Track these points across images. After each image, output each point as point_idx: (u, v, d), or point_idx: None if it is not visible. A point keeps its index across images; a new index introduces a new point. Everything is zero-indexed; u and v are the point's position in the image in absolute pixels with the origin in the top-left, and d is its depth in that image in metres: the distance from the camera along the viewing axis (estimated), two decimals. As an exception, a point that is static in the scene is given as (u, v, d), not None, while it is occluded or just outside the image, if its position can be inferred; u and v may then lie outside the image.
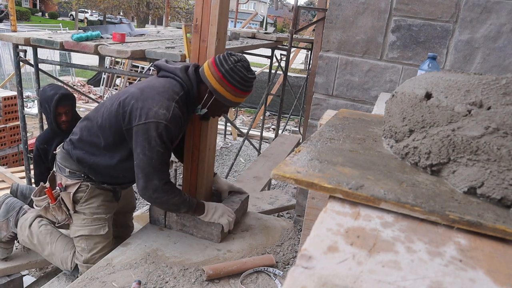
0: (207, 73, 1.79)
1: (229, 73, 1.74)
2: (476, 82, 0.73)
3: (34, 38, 3.20)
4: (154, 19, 19.90)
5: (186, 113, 1.82)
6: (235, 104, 1.87)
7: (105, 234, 1.96)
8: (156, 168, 1.71)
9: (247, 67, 1.78)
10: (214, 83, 1.77)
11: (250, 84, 1.81)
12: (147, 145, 1.68)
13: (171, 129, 1.69)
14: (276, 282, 1.81)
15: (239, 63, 1.75)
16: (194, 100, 1.85)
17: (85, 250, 1.94)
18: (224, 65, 1.75)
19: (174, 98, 1.74)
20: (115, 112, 1.76)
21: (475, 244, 0.55)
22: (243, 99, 1.87)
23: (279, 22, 35.54)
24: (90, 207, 1.94)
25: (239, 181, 3.85)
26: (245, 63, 1.78)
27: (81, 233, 1.93)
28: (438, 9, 1.95)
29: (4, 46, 9.72)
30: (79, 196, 1.93)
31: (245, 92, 1.81)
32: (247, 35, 5.50)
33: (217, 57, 1.78)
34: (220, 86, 1.77)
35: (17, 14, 3.90)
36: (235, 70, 1.74)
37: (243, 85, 1.77)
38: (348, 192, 0.63)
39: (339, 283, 0.43)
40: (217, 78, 1.76)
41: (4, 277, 2.10)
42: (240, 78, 1.75)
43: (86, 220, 1.94)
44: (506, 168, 0.63)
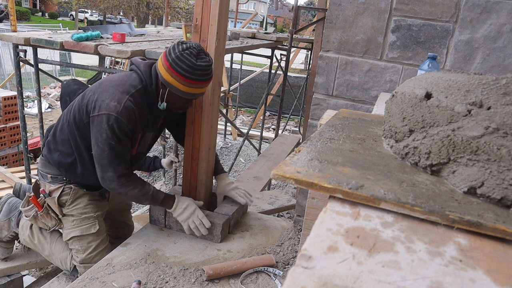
0: (158, 64, 1.74)
1: (176, 62, 1.65)
2: (476, 82, 0.73)
3: (34, 38, 3.20)
4: (154, 19, 19.89)
5: (146, 107, 1.79)
6: (192, 96, 1.75)
7: (97, 232, 1.95)
8: (109, 160, 1.71)
9: (196, 54, 1.66)
10: (163, 74, 1.70)
11: (201, 72, 1.67)
12: (99, 137, 1.69)
13: (122, 121, 1.67)
14: (276, 282, 1.81)
15: (187, 51, 1.65)
16: (154, 94, 1.80)
17: (79, 251, 1.94)
18: (171, 54, 1.67)
19: (130, 91, 1.72)
20: (77, 106, 1.78)
21: (475, 244, 0.55)
22: (201, 90, 1.75)
23: (279, 22, 35.54)
24: (77, 208, 1.93)
25: (239, 181, 3.85)
26: (194, 50, 1.66)
27: (72, 235, 1.93)
28: (438, 9, 1.95)
29: (4, 46, 9.72)
30: (64, 199, 1.92)
31: (197, 81, 1.69)
32: (247, 35, 5.50)
33: (168, 47, 1.73)
34: (169, 76, 1.69)
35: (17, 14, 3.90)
36: (181, 58, 1.65)
37: (191, 73, 1.65)
38: (348, 192, 0.63)
39: (339, 283, 0.43)
40: (165, 68, 1.69)
41: (4, 277, 2.10)
42: (187, 66, 1.65)
43: (75, 221, 1.93)
44: (506, 168, 0.63)
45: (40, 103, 3.50)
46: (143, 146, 1.95)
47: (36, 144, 5.31)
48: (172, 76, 1.68)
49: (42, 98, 7.06)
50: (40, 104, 3.50)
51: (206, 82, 1.73)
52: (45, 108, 8.64)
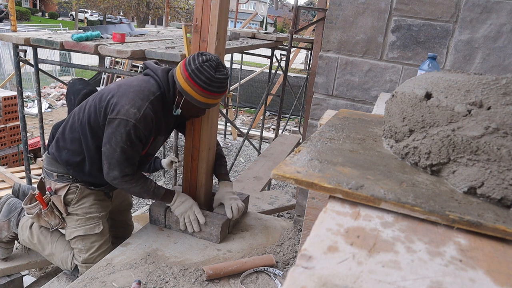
0: (177, 73, 1.80)
1: (195, 73, 1.72)
2: (476, 82, 0.73)
3: (34, 38, 3.20)
4: (154, 19, 19.89)
5: (162, 112, 1.83)
6: (207, 105, 1.83)
7: (101, 233, 1.96)
8: (118, 161, 1.75)
9: (215, 66, 1.73)
10: (182, 83, 1.76)
11: (219, 84, 1.75)
12: (113, 138, 1.72)
13: (139, 128, 1.72)
14: (276, 282, 1.81)
15: (206, 63, 1.72)
16: (171, 100, 1.85)
17: (82, 250, 1.94)
18: (191, 64, 1.73)
19: (149, 98, 1.75)
20: (93, 107, 1.79)
21: (475, 244, 0.55)
22: (216, 101, 1.83)
23: (279, 22, 35.54)
24: (82, 207, 1.94)
25: (239, 181, 3.85)
26: (213, 63, 1.73)
27: (76, 234, 1.93)
28: (438, 9, 1.95)
29: (4, 46, 9.72)
30: (70, 198, 1.93)
31: (214, 93, 1.76)
32: (247, 35, 5.50)
33: (188, 57, 1.78)
34: (187, 86, 1.75)
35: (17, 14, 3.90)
36: (201, 69, 1.71)
37: (209, 85, 1.73)
38: (348, 192, 0.63)
39: (339, 283, 0.43)
40: (184, 78, 1.75)
41: (4, 277, 2.10)
42: (206, 78, 1.72)
43: (79, 220, 1.93)
44: (506, 168, 0.63)
45: (40, 103, 3.50)
46: (153, 148, 2.00)
47: (36, 144, 5.31)
48: (190, 86, 1.74)
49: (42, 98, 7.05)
50: (40, 104, 3.50)
51: (222, 94, 1.81)
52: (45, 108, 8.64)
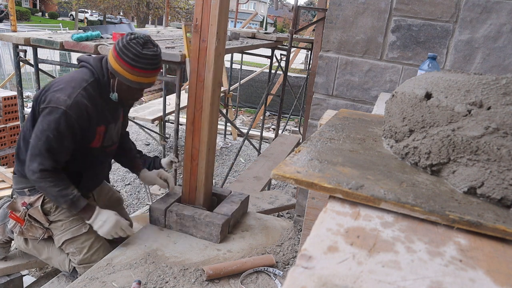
0: (109, 55, 1.78)
1: (122, 51, 1.71)
2: (476, 82, 0.73)
3: (34, 38, 3.20)
4: (154, 19, 19.89)
5: (101, 99, 1.81)
6: (139, 84, 1.79)
7: (88, 231, 1.93)
8: (40, 151, 1.69)
9: (142, 43, 1.71)
10: (112, 63, 1.75)
11: (147, 61, 1.72)
12: (41, 127, 1.68)
13: (71, 116, 1.67)
14: (276, 282, 1.81)
15: (134, 40, 1.71)
16: (107, 86, 1.82)
17: (75, 253, 1.92)
18: (119, 43, 1.73)
19: (82, 85, 1.73)
20: (32, 110, 1.79)
21: (475, 244, 0.55)
22: (149, 79, 1.79)
23: (279, 22, 35.54)
24: (63, 213, 1.91)
25: (239, 181, 3.85)
26: (141, 40, 1.71)
27: (64, 239, 1.91)
28: (438, 9, 1.95)
29: (4, 46, 9.71)
30: (48, 207, 1.90)
31: (143, 70, 1.73)
32: (247, 35, 5.50)
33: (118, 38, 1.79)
34: (117, 65, 1.73)
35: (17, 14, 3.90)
36: (128, 47, 1.70)
37: (137, 61, 1.70)
38: (348, 192, 0.63)
39: (339, 283, 0.43)
40: (114, 58, 1.74)
41: (4, 276, 2.10)
42: (133, 55, 1.70)
43: (64, 225, 1.91)
44: (506, 168, 0.63)
45: (40, 103, 3.49)
46: (109, 139, 1.94)
47: (36, 144, 5.30)
48: (119, 64, 1.73)
49: (42, 98, 7.04)
50: (40, 104, 3.49)
51: (152, 71, 1.77)
52: (45, 108, 8.60)
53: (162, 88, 6.23)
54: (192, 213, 2.08)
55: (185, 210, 2.10)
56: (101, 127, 1.86)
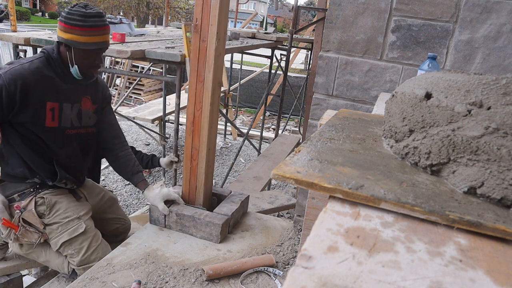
0: (58, 31, 1.84)
1: (68, 17, 1.77)
2: (476, 82, 0.73)
3: (34, 38, 3.20)
4: (154, 19, 19.90)
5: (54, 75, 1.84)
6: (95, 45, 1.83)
7: (85, 231, 1.93)
8: None
9: (83, 6, 1.80)
10: (62, 34, 1.80)
11: (94, 19, 1.79)
12: None
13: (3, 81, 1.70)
14: (276, 282, 1.81)
15: (75, 7, 1.79)
16: (59, 62, 1.86)
17: (73, 254, 1.91)
18: (62, 14, 1.80)
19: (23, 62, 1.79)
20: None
21: (475, 244, 0.55)
22: (102, 38, 1.84)
23: (279, 22, 35.54)
24: (58, 215, 1.91)
25: (239, 181, 3.85)
26: (82, 4, 1.80)
27: (61, 241, 1.90)
28: (438, 9, 1.95)
29: (4, 46, 9.71)
30: (42, 210, 1.90)
31: (93, 28, 1.79)
32: (247, 35, 5.51)
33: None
34: (67, 33, 1.78)
35: (17, 14, 3.90)
36: (71, 12, 1.77)
37: (83, 21, 1.76)
38: (348, 192, 0.63)
39: (339, 283, 0.43)
40: (62, 28, 1.79)
41: (3, 276, 2.10)
42: (78, 16, 1.76)
43: (60, 227, 1.91)
44: (506, 168, 0.63)
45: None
46: (65, 119, 1.92)
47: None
48: (69, 31, 1.78)
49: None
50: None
51: (102, 27, 1.83)
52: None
53: (162, 88, 6.23)
54: (192, 213, 2.08)
55: (185, 210, 2.10)
56: (53, 104, 1.85)
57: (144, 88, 10.51)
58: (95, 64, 1.91)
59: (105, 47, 1.91)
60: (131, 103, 10.19)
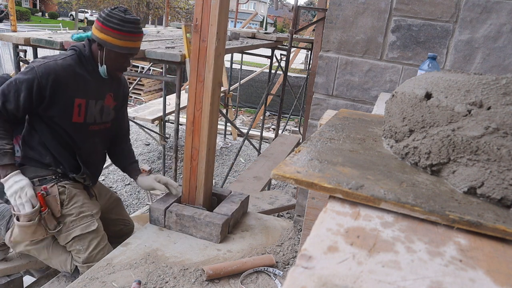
0: (93, 30, 1.89)
1: (107, 19, 1.83)
2: (476, 82, 0.73)
3: (34, 38, 3.20)
4: (154, 19, 19.90)
5: (84, 71, 1.92)
6: (127, 49, 1.90)
7: (96, 229, 1.95)
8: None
9: (123, 11, 1.87)
10: (98, 34, 1.86)
11: (132, 25, 1.86)
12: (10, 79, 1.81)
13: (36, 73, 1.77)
14: (276, 282, 1.81)
15: (115, 10, 1.86)
16: (91, 59, 1.93)
17: (81, 251, 1.92)
18: (102, 15, 1.86)
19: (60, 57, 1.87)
20: None
21: (475, 244, 0.55)
22: (135, 44, 1.92)
23: (279, 22, 35.54)
24: (76, 207, 1.94)
25: (239, 181, 3.85)
26: (121, 8, 1.87)
27: (73, 235, 1.91)
28: (438, 9, 1.95)
29: (4, 46, 9.71)
30: (62, 198, 1.92)
31: (129, 33, 1.86)
32: (247, 35, 5.51)
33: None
34: (103, 34, 1.84)
35: (17, 14, 3.90)
36: (111, 14, 1.84)
37: (122, 25, 1.83)
38: (348, 192, 0.63)
39: (339, 283, 0.43)
40: (99, 28, 1.85)
41: (4, 277, 2.10)
42: (117, 20, 1.83)
43: (74, 221, 1.92)
44: (506, 168, 0.63)
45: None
46: (90, 116, 1.98)
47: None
48: (106, 33, 1.84)
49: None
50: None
51: (138, 35, 1.91)
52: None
53: (162, 88, 6.23)
54: (192, 213, 2.08)
55: (185, 210, 2.10)
56: (81, 100, 1.91)
57: (144, 88, 10.52)
58: (123, 67, 2.00)
59: (136, 53, 1.99)
60: (131, 103, 10.18)
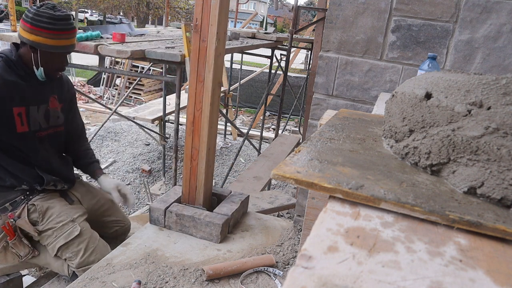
0: (21, 32, 1.75)
1: (36, 19, 1.70)
2: (476, 82, 0.73)
3: (34, 38, 3.18)
4: (154, 19, 19.90)
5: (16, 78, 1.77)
6: (62, 48, 1.79)
7: (80, 233, 1.91)
8: None
9: (52, 7, 1.73)
10: (27, 36, 1.72)
11: (63, 22, 1.74)
12: None
13: None
14: (276, 282, 1.81)
15: (42, 7, 1.71)
16: (20, 64, 1.79)
17: (72, 258, 1.90)
18: (28, 15, 1.72)
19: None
20: None
21: (475, 244, 0.55)
22: (69, 42, 1.80)
23: (279, 22, 35.54)
24: (52, 220, 1.90)
25: (239, 181, 3.85)
26: (49, 5, 1.74)
27: (58, 245, 1.89)
28: (438, 9, 1.95)
29: (4, 46, 9.72)
30: (35, 217, 1.89)
31: (62, 31, 1.74)
32: (247, 35, 5.51)
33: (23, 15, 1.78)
34: (34, 35, 1.71)
35: (17, 14, 3.89)
36: (40, 13, 1.70)
37: (53, 24, 1.71)
38: (348, 192, 0.63)
39: (339, 283, 0.43)
40: (28, 30, 1.71)
41: (3, 276, 2.10)
42: (48, 18, 1.70)
43: (55, 232, 1.89)
44: (506, 168, 0.63)
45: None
46: (34, 122, 1.87)
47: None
48: (37, 33, 1.71)
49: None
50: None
51: (71, 31, 1.78)
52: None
53: (162, 88, 6.23)
54: (192, 213, 2.08)
55: (184, 210, 2.10)
56: (19, 109, 1.79)
57: (144, 88, 10.52)
58: (61, 67, 1.89)
59: (72, 50, 1.88)
60: (131, 103, 10.19)
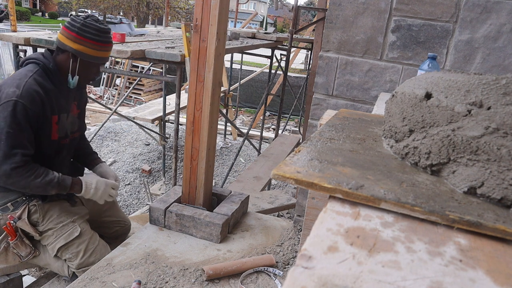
0: (62, 39, 1.79)
1: (83, 29, 1.75)
2: (476, 82, 0.73)
3: (34, 38, 3.20)
4: (154, 19, 19.91)
5: (52, 86, 1.80)
6: (103, 60, 1.87)
7: (80, 234, 1.91)
8: (5, 152, 1.63)
9: (96, 20, 1.81)
10: (72, 44, 1.76)
11: (107, 35, 1.82)
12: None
13: (24, 105, 1.64)
14: (276, 282, 1.81)
15: (88, 19, 1.78)
16: (57, 72, 1.82)
17: (72, 258, 1.90)
18: (75, 24, 1.76)
19: (28, 75, 1.72)
20: None
21: (475, 244, 0.55)
22: (108, 53, 1.88)
23: (279, 22, 35.53)
24: (52, 221, 1.89)
25: (239, 181, 3.85)
26: (94, 17, 1.82)
27: (58, 246, 1.89)
28: (438, 9, 1.94)
29: (4, 46, 9.72)
30: (35, 218, 1.88)
31: (105, 44, 1.82)
32: (247, 35, 5.51)
33: (65, 23, 1.81)
34: (80, 45, 1.76)
35: (17, 14, 3.89)
36: (87, 24, 1.76)
37: (100, 36, 1.78)
38: (348, 192, 0.63)
39: (339, 283, 0.43)
40: (73, 39, 1.76)
41: (3, 276, 2.10)
42: (95, 30, 1.77)
43: (55, 232, 1.89)
44: (506, 168, 0.63)
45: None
46: (62, 129, 1.90)
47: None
48: (82, 43, 1.77)
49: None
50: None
51: (111, 44, 1.89)
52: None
53: (162, 88, 6.23)
54: (192, 213, 2.08)
55: (185, 210, 2.10)
56: (55, 117, 1.82)
57: (144, 88, 10.52)
58: (94, 77, 1.95)
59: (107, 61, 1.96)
60: (131, 103, 10.19)
